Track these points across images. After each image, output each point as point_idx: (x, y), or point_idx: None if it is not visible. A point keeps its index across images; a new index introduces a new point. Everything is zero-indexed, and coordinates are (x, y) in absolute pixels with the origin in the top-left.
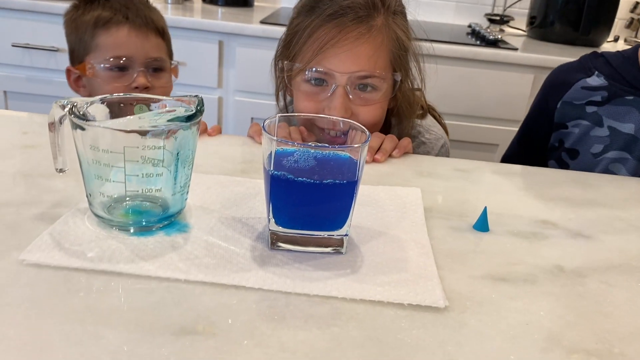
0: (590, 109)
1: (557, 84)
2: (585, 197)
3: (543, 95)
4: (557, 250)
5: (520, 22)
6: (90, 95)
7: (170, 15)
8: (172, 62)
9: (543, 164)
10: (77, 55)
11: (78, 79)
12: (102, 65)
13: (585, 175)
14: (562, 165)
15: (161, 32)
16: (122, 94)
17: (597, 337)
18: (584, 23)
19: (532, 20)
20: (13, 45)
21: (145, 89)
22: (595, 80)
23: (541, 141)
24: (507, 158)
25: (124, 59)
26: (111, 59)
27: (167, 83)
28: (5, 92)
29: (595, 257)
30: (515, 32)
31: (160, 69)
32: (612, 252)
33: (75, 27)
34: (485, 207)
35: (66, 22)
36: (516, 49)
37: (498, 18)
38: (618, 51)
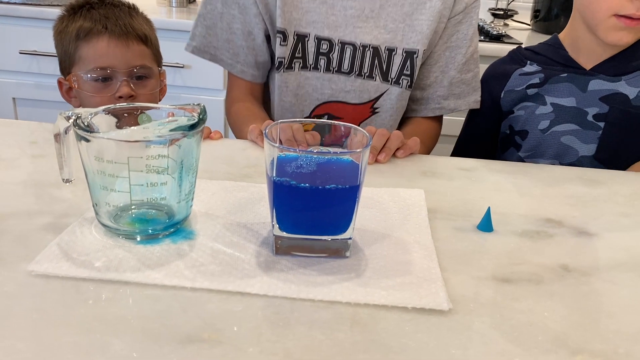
0: (531, 91)
1: (496, 75)
2: (590, 194)
3: (485, 89)
4: (562, 249)
5: (525, 16)
6: (81, 106)
7: (175, 18)
8: (160, 68)
9: (495, 156)
10: (65, 67)
11: (69, 89)
12: (85, 76)
13: (590, 171)
14: (517, 147)
15: (144, 38)
16: (125, 104)
17: (602, 337)
18: None
19: (536, 14)
20: (21, 53)
21: (130, 97)
22: (529, 67)
23: (492, 132)
24: (459, 153)
25: (105, 69)
26: (93, 70)
27: (154, 89)
28: (14, 99)
29: (601, 255)
30: (520, 26)
31: (144, 76)
32: (617, 250)
33: (61, 40)
34: (489, 208)
35: (54, 34)
36: (521, 44)
37: (502, 12)
38: (540, 43)
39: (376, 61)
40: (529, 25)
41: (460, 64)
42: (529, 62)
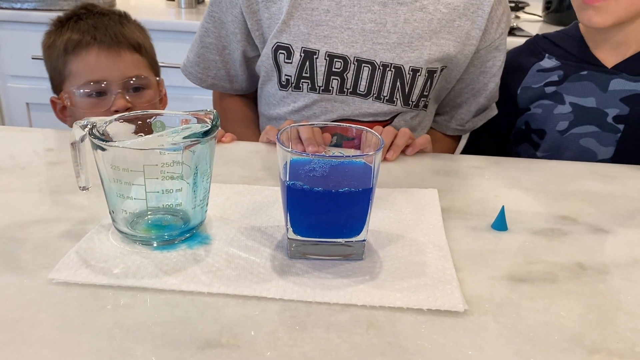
0: (549, 89)
1: (512, 69)
2: (605, 190)
3: (501, 82)
4: (577, 247)
5: (536, 8)
6: None
7: (183, 19)
8: (158, 77)
9: (508, 149)
10: (56, 85)
11: (63, 108)
12: (78, 92)
13: (604, 166)
14: (534, 146)
15: (137, 47)
16: (139, 111)
17: (619, 335)
18: None
19: (548, 5)
20: (33, 58)
21: (127, 110)
22: (547, 62)
23: (506, 126)
24: (472, 146)
25: (98, 83)
26: (85, 85)
27: (152, 100)
28: (27, 104)
29: (616, 252)
30: (531, 18)
31: (141, 87)
32: (633, 247)
33: (49, 55)
34: (503, 206)
35: (42, 50)
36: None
37: (513, 4)
38: (558, 31)
39: (398, 83)
40: (540, 17)
41: (491, 91)
42: (547, 55)
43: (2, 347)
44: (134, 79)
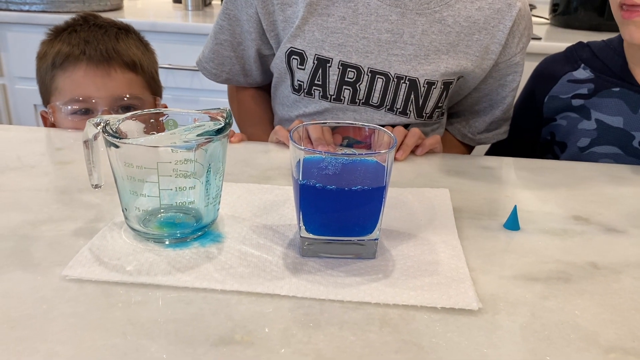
0: (576, 102)
1: (544, 76)
2: (617, 191)
3: (530, 87)
4: (590, 247)
5: (543, 10)
6: None
7: (190, 22)
8: (157, 97)
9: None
10: (44, 99)
11: (53, 124)
12: (63, 109)
13: (616, 167)
14: (555, 158)
15: (131, 65)
16: (152, 109)
17: (634, 334)
18: (609, 8)
19: (555, 8)
20: None
21: None
22: (581, 73)
23: (530, 135)
24: (495, 152)
25: (83, 101)
26: (70, 102)
27: None
28: (35, 105)
29: (630, 252)
30: (538, 20)
31: (132, 107)
32: None
33: (39, 67)
34: (515, 206)
35: (36, 60)
36: (539, 39)
37: None
38: (603, 40)
39: (412, 96)
40: (547, 19)
41: (508, 104)
42: (582, 65)
43: (16, 344)
44: (124, 98)
